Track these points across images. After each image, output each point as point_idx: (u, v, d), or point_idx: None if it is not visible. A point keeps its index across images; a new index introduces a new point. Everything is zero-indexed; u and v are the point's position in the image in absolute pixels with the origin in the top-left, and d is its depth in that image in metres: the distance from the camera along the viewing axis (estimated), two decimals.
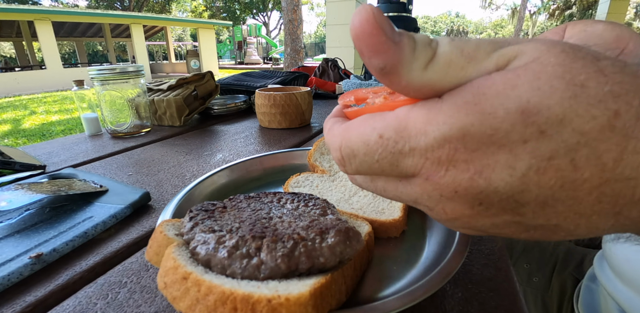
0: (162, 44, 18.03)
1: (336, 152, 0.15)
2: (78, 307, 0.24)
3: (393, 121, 0.13)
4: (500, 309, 0.23)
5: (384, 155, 0.13)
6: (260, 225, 0.21)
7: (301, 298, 0.16)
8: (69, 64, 13.59)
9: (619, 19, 4.28)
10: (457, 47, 0.12)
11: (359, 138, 0.14)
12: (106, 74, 0.65)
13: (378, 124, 0.13)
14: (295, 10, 5.85)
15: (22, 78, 8.20)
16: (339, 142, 0.15)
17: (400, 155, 0.13)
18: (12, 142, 3.38)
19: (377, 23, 0.12)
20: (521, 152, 0.11)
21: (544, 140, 0.11)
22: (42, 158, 0.58)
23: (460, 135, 0.11)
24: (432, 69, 0.12)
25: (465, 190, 0.12)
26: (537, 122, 0.11)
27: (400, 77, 0.12)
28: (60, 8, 10.33)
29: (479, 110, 0.11)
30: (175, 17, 15.19)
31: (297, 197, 0.27)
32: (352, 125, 0.15)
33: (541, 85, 0.11)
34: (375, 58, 0.12)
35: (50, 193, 0.36)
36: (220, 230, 0.20)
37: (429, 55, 0.12)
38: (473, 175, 0.12)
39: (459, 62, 0.12)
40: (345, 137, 0.14)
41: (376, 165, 0.14)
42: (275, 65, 12.67)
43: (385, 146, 0.13)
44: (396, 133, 0.13)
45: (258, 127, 0.76)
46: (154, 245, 0.22)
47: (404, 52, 0.12)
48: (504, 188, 0.12)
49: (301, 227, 0.21)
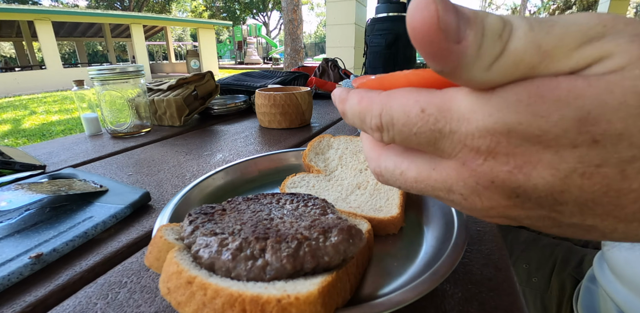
0: (162, 44, 18.04)
1: (375, 119, 0.14)
2: (78, 307, 0.24)
3: (437, 99, 0.13)
4: (500, 309, 0.23)
5: (423, 130, 0.13)
6: (262, 226, 0.21)
7: (310, 297, 0.16)
8: (69, 64, 13.59)
9: None
10: (533, 43, 0.11)
11: (401, 107, 0.13)
12: (106, 74, 0.65)
13: (422, 98, 0.13)
14: (295, 10, 5.85)
15: (22, 78, 8.20)
16: (380, 108, 0.14)
17: (440, 135, 0.13)
18: (12, 142, 3.38)
19: (439, 27, 0.10)
20: (568, 155, 0.11)
21: (596, 148, 0.10)
22: (42, 159, 0.58)
23: (505, 130, 0.11)
24: (496, 69, 0.11)
25: (503, 182, 0.12)
26: (592, 132, 0.10)
27: (460, 78, 0.12)
28: (60, 8, 10.33)
29: (532, 111, 0.11)
30: (175, 17, 15.20)
31: (296, 197, 0.27)
32: (395, 93, 0.14)
33: (610, 100, 0.10)
34: (433, 62, 0.11)
35: (50, 193, 0.36)
36: (222, 232, 0.20)
37: (496, 52, 0.11)
38: (512, 169, 0.12)
39: (530, 61, 0.11)
40: (386, 104, 0.14)
41: (414, 138, 0.13)
42: (275, 65, 12.68)
43: (426, 121, 0.13)
44: (439, 111, 0.12)
45: (258, 127, 0.76)
46: (154, 250, 0.21)
47: (466, 54, 0.11)
48: (543, 187, 0.11)
49: (303, 226, 0.21)
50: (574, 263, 0.58)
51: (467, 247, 0.30)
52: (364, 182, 0.37)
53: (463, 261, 0.28)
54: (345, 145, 0.44)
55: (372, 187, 0.36)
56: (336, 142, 0.45)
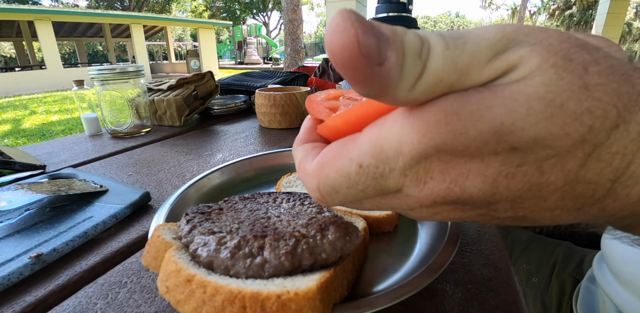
0: (162, 44, 18.04)
1: (314, 192, 0.15)
2: (78, 307, 0.24)
3: (368, 147, 0.13)
4: (500, 309, 0.23)
5: (368, 183, 0.13)
6: (259, 224, 0.21)
7: (309, 292, 0.17)
8: (69, 64, 13.59)
9: (619, 19, 4.28)
10: (450, 62, 0.11)
11: (338, 173, 0.13)
12: (106, 74, 0.65)
13: (353, 153, 0.13)
14: (295, 10, 5.85)
15: (22, 78, 8.20)
16: (316, 182, 0.14)
17: (382, 178, 0.13)
18: (12, 142, 3.38)
19: (360, 52, 0.10)
20: (492, 161, 0.12)
21: (515, 153, 0.11)
22: (42, 159, 0.58)
23: (435, 151, 0.12)
24: (419, 89, 0.11)
25: (443, 198, 0.13)
26: (510, 141, 0.11)
27: (385, 99, 0.11)
28: (61, 8, 10.34)
29: (451, 129, 0.11)
30: (175, 17, 15.20)
31: (292, 196, 0.27)
32: (326, 160, 0.14)
33: (517, 108, 0.10)
34: (358, 87, 0.11)
35: (50, 193, 0.36)
36: (219, 231, 0.20)
37: (417, 72, 0.11)
38: (449, 185, 0.12)
39: (449, 79, 0.11)
40: (321, 177, 0.14)
41: (361, 195, 0.14)
42: (275, 65, 12.67)
43: (367, 174, 0.13)
44: (374, 158, 0.13)
45: (258, 127, 0.76)
46: (151, 249, 0.21)
47: (390, 76, 0.10)
48: (477, 194, 0.12)
49: (300, 224, 0.21)
50: (574, 264, 0.58)
51: (467, 247, 0.30)
52: None
53: (463, 261, 0.28)
54: None
55: None
56: None
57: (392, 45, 0.10)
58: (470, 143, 0.11)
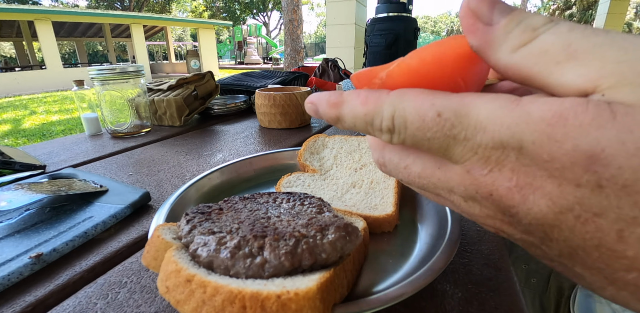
0: (162, 44, 18.04)
1: (387, 121, 0.13)
2: (78, 307, 0.24)
3: (456, 103, 0.12)
4: (500, 309, 0.23)
5: (438, 135, 0.12)
6: (259, 224, 0.21)
7: (309, 292, 0.17)
8: (69, 64, 13.59)
9: (619, 19, 4.28)
10: (565, 40, 0.11)
11: (416, 110, 0.13)
12: (106, 74, 0.65)
13: (438, 101, 0.12)
14: (295, 11, 5.85)
15: (22, 78, 8.20)
16: (392, 110, 0.13)
17: (453, 141, 0.12)
18: (12, 142, 3.38)
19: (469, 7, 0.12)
20: (569, 192, 0.10)
21: (598, 195, 0.10)
22: (42, 159, 0.58)
23: (518, 146, 0.11)
24: (521, 54, 0.11)
25: (500, 197, 0.12)
26: (600, 174, 0.09)
27: (488, 56, 0.12)
28: (61, 8, 10.33)
29: (549, 133, 0.10)
30: (175, 17, 15.19)
31: (292, 196, 0.27)
32: (407, 94, 0.13)
33: (628, 141, 0.09)
34: (466, 34, 0.13)
35: (50, 193, 0.36)
36: (219, 231, 0.20)
37: (524, 39, 0.11)
38: (513, 187, 0.11)
39: (556, 56, 0.11)
40: (399, 106, 0.13)
41: (425, 143, 0.13)
42: (275, 65, 12.68)
43: (442, 127, 0.12)
44: (456, 116, 0.12)
45: (258, 127, 0.76)
46: (151, 249, 0.21)
47: (494, 34, 0.12)
48: (536, 214, 0.11)
49: (301, 224, 0.21)
50: None
51: (467, 247, 0.30)
52: (359, 181, 0.37)
53: (463, 261, 0.28)
54: (340, 145, 0.44)
55: (367, 186, 0.36)
56: (331, 141, 0.45)
57: (509, 16, 0.12)
58: (559, 156, 0.10)
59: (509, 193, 0.11)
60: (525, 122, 0.11)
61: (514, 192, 0.11)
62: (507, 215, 0.12)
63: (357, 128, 0.15)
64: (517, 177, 0.11)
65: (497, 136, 0.11)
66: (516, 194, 0.11)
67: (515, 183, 0.11)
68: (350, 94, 0.15)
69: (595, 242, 0.10)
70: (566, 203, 0.10)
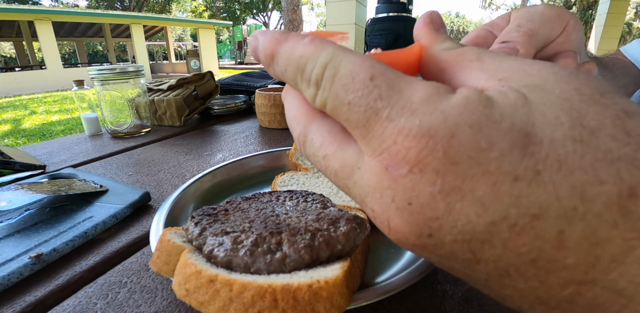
0: (162, 44, 18.04)
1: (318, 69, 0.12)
2: (78, 307, 0.24)
3: (395, 76, 0.11)
4: (500, 309, 0.23)
5: (360, 102, 0.11)
6: (271, 222, 0.22)
7: (337, 280, 0.17)
8: (69, 64, 13.60)
9: (619, 19, 4.27)
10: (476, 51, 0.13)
11: (352, 66, 0.11)
12: (106, 74, 0.65)
13: (379, 67, 0.11)
14: (295, 11, 5.85)
15: (22, 78, 8.20)
16: (329, 57, 0.12)
17: (374, 116, 0.11)
18: (12, 142, 3.38)
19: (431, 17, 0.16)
20: (505, 191, 0.09)
21: (537, 187, 0.09)
22: (42, 159, 0.58)
23: (450, 134, 0.09)
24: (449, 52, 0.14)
25: (421, 207, 0.10)
26: (536, 156, 0.09)
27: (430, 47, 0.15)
28: (61, 8, 10.32)
29: (487, 114, 0.09)
30: (175, 17, 15.20)
31: (293, 194, 0.28)
32: (354, 52, 0.12)
33: (547, 112, 0.09)
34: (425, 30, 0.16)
35: (50, 193, 0.36)
36: (233, 231, 0.21)
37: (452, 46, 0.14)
38: (437, 194, 0.09)
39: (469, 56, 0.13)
40: (337, 57, 0.12)
41: (345, 108, 0.11)
42: None
43: (368, 92, 0.11)
44: (387, 88, 0.11)
45: (258, 127, 0.76)
46: (162, 254, 0.21)
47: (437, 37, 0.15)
48: (463, 227, 0.09)
49: (311, 219, 0.22)
50: None
51: None
52: None
53: None
54: None
55: None
56: None
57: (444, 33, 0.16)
58: (498, 139, 0.09)
59: (432, 201, 0.10)
60: (462, 105, 0.10)
61: (437, 199, 0.09)
62: (424, 235, 0.10)
63: (287, 76, 0.13)
64: (443, 179, 0.09)
65: (426, 121, 0.10)
66: (440, 202, 0.09)
67: (440, 188, 0.09)
68: (298, 34, 0.13)
69: (533, 255, 0.09)
70: (500, 209, 0.09)
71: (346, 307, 0.18)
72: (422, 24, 0.16)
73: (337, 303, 0.17)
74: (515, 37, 0.20)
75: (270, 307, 0.16)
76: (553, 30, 0.22)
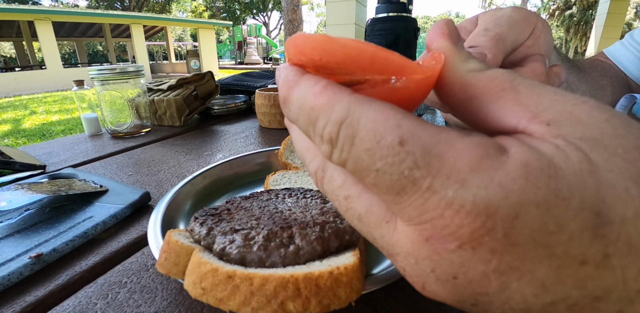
0: (162, 44, 18.04)
1: (332, 127, 0.10)
2: (78, 307, 0.24)
3: (429, 136, 0.09)
4: None
5: (391, 171, 0.09)
6: (278, 218, 0.22)
7: (354, 265, 0.18)
8: (69, 64, 13.61)
9: (619, 19, 4.28)
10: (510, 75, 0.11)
11: (373, 125, 0.10)
12: (106, 74, 0.65)
13: (408, 125, 0.09)
14: (295, 11, 5.85)
15: (22, 78, 8.20)
16: (344, 114, 0.10)
17: (411, 186, 0.09)
18: (12, 142, 3.38)
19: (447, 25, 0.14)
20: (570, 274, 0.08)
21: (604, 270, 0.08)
22: (42, 159, 0.58)
23: (513, 214, 0.08)
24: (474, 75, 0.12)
25: (469, 283, 0.09)
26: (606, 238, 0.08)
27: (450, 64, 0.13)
28: (61, 8, 10.33)
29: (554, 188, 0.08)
30: (175, 17, 15.20)
31: (291, 191, 0.28)
32: (374, 103, 0.10)
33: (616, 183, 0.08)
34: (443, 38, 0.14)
35: (50, 193, 0.36)
36: (242, 228, 0.21)
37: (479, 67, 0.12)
38: (490, 273, 0.09)
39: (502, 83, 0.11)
40: (355, 112, 0.10)
41: (371, 175, 0.10)
42: (275, 65, 12.67)
43: (400, 160, 0.09)
44: (423, 154, 0.09)
45: (258, 127, 0.76)
46: (170, 256, 0.21)
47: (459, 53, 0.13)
48: (517, 305, 0.09)
49: (316, 213, 0.23)
50: None
51: None
52: None
53: None
54: None
55: None
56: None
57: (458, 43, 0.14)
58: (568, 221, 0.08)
59: (484, 279, 0.09)
60: (524, 177, 0.08)
61: (490, 278, 0.09)
62: (468, 302, 0.09)
63: (300, 124, 0.12)
64: (499, 259, 0.08)
65: (482, 196, 0.08)
66: (494, 281, 0.09)
67: (495, 267, 0.08)
68: (310, 77, 0.12)
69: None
70: (562, 291, 0.08)
71: (362, 291, 0.19)
72: (437, 34, 0.13)
73: (356, 287, 0.18)
74: (482, 41, 0.20)
75: (293, 296, 0.17)
76: (521, 33, 0.22)
